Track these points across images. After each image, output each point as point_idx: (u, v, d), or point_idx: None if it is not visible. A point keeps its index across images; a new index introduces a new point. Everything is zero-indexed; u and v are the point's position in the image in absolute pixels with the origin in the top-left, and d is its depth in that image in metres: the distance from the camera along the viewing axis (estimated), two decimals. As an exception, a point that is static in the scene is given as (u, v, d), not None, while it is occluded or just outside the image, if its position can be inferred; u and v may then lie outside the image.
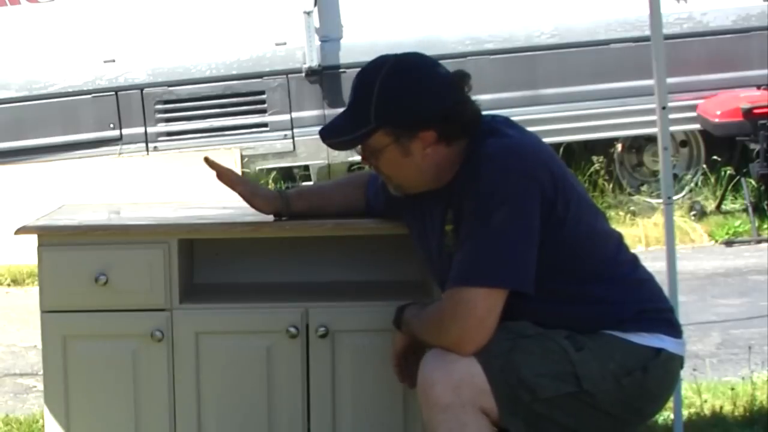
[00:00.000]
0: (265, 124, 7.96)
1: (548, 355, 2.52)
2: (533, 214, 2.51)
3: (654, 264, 3.07)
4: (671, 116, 3.58)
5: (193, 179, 6.11)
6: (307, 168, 8.03)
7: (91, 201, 4.02)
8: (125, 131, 7.89)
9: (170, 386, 2.98)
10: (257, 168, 7.91)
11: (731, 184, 8.00)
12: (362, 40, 7.53)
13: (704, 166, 8.22)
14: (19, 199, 7.00)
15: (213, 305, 3.03)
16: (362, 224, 3.00)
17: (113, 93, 7.86)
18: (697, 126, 8.06)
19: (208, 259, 3.19)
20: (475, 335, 2.49)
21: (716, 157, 8.15)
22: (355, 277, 3.19)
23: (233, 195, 2.99)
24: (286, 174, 8.12)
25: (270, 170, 7.97)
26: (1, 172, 7.65)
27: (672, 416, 3.59)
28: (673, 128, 5.03)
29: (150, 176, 7.52)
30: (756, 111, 7.61)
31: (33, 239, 2.98)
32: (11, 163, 7.74)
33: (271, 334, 2.96)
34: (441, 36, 7.73)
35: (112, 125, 7.87)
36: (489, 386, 2.48)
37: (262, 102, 7.94)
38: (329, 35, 7.87)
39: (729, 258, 7.19)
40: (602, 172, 8.14)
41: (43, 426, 3.33)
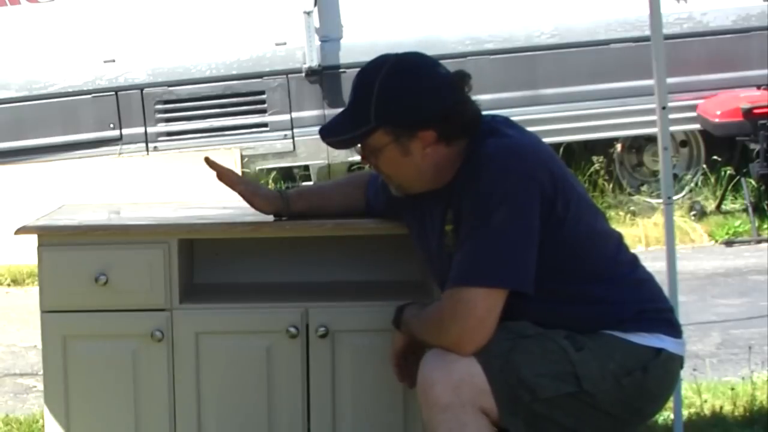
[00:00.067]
0: (265, 124, 7.96)
1: (548, 355, 2.52)
2: (533, 214, 2.51)
3: (654, 264, 3.06)
4: (671, 116, 3.58)
5: (193, 179, 6.11)
6: (307, 168, 8.03)
7: (91, 201, 4.02)
8: (125, 131, 7.89)
9: (170, 386, 2.98)
10: (257, 168, 7.90)
11: (731, 184, 8.00)
12: (362, 40, 7.53)
13: (704, 166, 8.22)
14: (19, 199, 6.99)
15: (213, 305, 3.03)
16: (362, 224, 3.00)
17: (113, 93, 7.85)
18: (697, 126, 8.06)
19: (208, 259, 3.19)
20: (474, 335, 2.49)
21: (716, 157, 8.14)
22: (355, 277, 3.19)
23: (233, 195, 2.99)
24: (286, 174, 8.11)
25: (270, 170, 7.97)
26: (1, 172, 7.65)
27: (672, 416, 3.59)
28: (673, 128, 5.03)
29: (150, 176, 7.52)
30: (756, 111, 7.61)
31: (33, 239, 2.98)
32: (11, 163, 7.73)
33: (271, 334, 2.96)
34: (441, 36, 7.72)
35: (112, 125, 7.87)
36: (489, 386, 2.48)
37: (262, 102, 7.93)
38: (329, 35, 7.86)
39: (729, 258, 7.18)
40: (602, 172, 8.13)
41: (43, 426, 3.33)
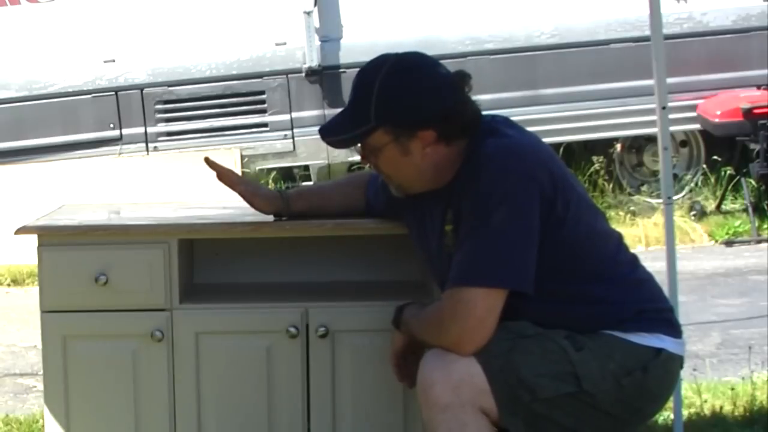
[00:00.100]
0: (265, 124, 7.96)
1: (548, 355, 2.52)
2: (533, 214, 2.51)
3: (654, 264, 3.06)
4: (671, 116, 3.58)
5: (193, 179, 6.10)
6: (307, 168, 8.03)
7: (91, 201, 4.02)
8: (125, 131, 7.89)
9: (170, 386, 2.98)
10: (257, 168, 7.90)
11: (731, 184, 8.00)
12: (362, 40, 7.53)
13: (704, 166, 8.22)
14: (19, 199, 6.99)
15: (213, 305, 3.03)
16: (362, 224, 3.00)
17: (113, 93, 7.85)
18: (697, 126, 8.06)
19: (208, 259, 3.19)
20: (474, 335, 2.49)
21: (716, 157, 8.14)
22: (355, 277, 3.19)
23: (233, 195, 2.99)
24: (286, 174, 8.11)
25: (270, 170, 7.97)
26: (1, 172, 7.65)
27: (672, 416, 3.59)
28: (673, 128, 5.03)
29: (150, 176, 7.52)
30: (756, 111, 7.61)
31: (33, 239, 2.98)
32: (11, 163, 7.73)
33: (271, 334, 2.96)
34: (441, 36, 7.72)
35: (112, 125, 7.87)
36: (489, 386, 2.48)
37: (262, 102, 7.93)
38: (329, 35, 7.86)
39: (729, 258, 7.18)
40: (602, 172, 8.13)
41: (43, 426, 3.33)
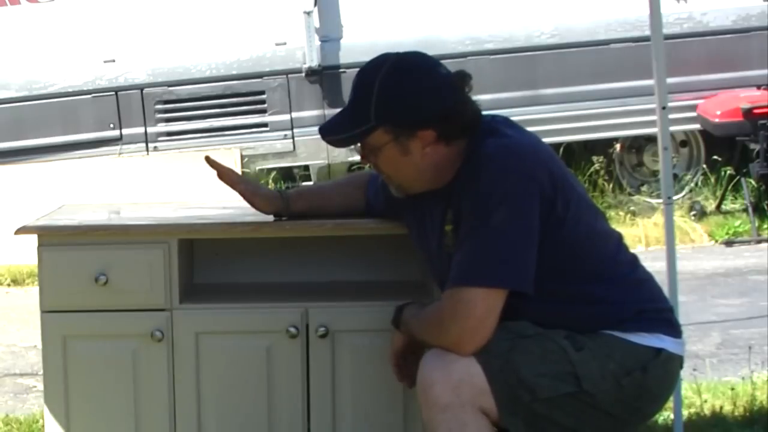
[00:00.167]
0: (265, 124, 7.96)
1: (548, 355, 2.52)
2: (532, 214, 2.51)
3: (654, 264, 3.06)
4: (671, 116, 3.58)
5: (193, 179, 6.11)
6: (307, 168, 8.03)
7: (91, 201, 4.02)
8: (125, 131, 7.89)
9: (170, 386, 2.98)
10: (257, 168, 7.91)
11: (731, 184, 8.00)
12: (362, 40, 7.53)
13: (704, 166, 8.22)
14: (19, 199, 6.99)
15: (213, 305, 3.03)
16: (362, 224, 3.00)
17: (113, 93, 7.85)
18: (697, 126, 8.06)
19: (208, 259, 3.19)
20: (474, 335, 2.49)
21: (716, 157, 8.15)
22: (355, 277, 3.19)
23: (233, 195, 2.99)
24: (286, 174, 8.12)
25: (270, 170, 7.97)
26: (1, 172, 7.65)
27: (672, 416, 3.59)
28: (673, 128, 5.03)
29: (150, 176, 7.52)
30: (756, 111, 7.61)
31: (33, 239, 2.98)
32: (11, 163, 7.74)
33: (271, 334, 2.96)
34: (441, 36, 7.72)
35: (112, 125, 7.87)
36: (488, 386, 2.48)
37: (262, 102, 7.93)
38: (329, 35, 7.86)
39: (729, 258, 7.18)
40: (602, 172, 8.13)
41: (43, 426, 3.33)
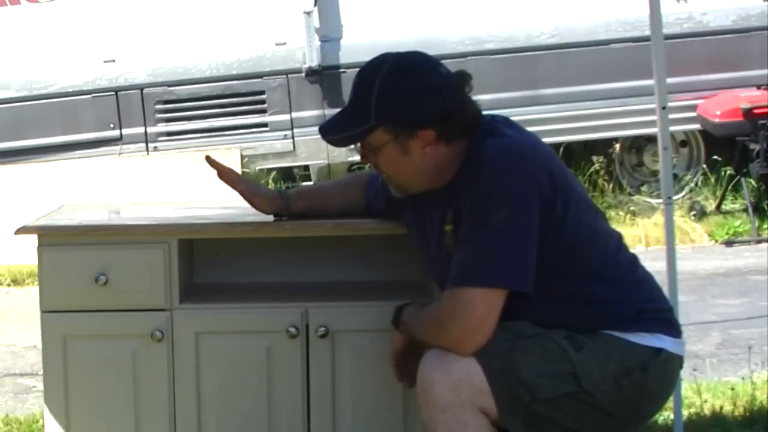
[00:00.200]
0: (265, 124, 7.96)
1: (548, 355, 2.52)
2: (532, 214, 2.51)
3: (654, 264, 3.06)
4: (671, 116, 3.58)
5: (193, 179, 6.11)
6: (307, 168, 8.03)
7: (91, 201, 4.02)
8: (125, 131, 7.89)
9: (170, 386, 2.98)
10: (257, 168, 7.91)
11: (731, 184, 8.00)
12: (362, 40, 7.52)
13: (704, 166, 8.22)
14: (19, 199, 6.99)
15: (213, 305, 3.03)
16: (362, 224, 3.00)
17: (113, 93, 7.85)
18: (697, 126, 8.06)
19: (208, 259, 3.19)
20: (474, 335, 2.49)
21: (716, 157, 8.15)
22: (355, 277, 3.19)
23: (233, 195, 2.99)
24: (286, 174, 8.12)
25: (270, 170, 7.97)
26: (1, 172, 7.65)
27: (672, 416, 3.59)
28: (673, 128, 5.03)
29: (150, 176, 7.52)
30: (756, 111, 7.61)
31: (33, 239, 2.98)
32: (11, 163, 7.73)
33: (271, 334, 2.96)
34: (441, 36, 7.72)
35: (112, 125, 7.87)
36: (488, 386, 2.48)
37: (262, 102, 7.93)
38: (329, 35, 7.86)
39: (729, 258, 7.18)
40: (602, 172, 8.13)
41: (43, 426, 3.33)
